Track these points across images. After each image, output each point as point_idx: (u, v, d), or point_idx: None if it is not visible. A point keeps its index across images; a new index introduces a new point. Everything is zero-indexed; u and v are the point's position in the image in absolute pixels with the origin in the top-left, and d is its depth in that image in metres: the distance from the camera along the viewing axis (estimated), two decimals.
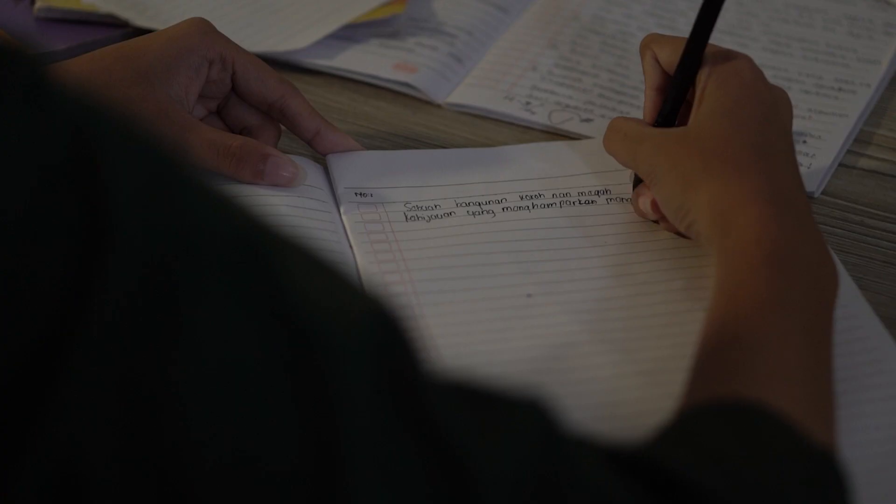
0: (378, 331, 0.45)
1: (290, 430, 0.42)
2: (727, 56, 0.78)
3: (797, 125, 0.85)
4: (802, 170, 0.82)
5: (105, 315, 0.40)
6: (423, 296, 0.76)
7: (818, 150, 0.90)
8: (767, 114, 0.76)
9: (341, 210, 0.82)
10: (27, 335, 0.40)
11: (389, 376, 0.44)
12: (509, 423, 0.47)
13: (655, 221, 0.80)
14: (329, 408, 0.43)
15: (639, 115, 0.93)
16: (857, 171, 0.90)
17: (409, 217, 0.82)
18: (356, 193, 0.83)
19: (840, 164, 0.90)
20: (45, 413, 0.40)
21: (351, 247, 0.80)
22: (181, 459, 0.41)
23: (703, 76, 0.77)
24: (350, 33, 1.01)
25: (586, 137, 0.91)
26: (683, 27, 1.04)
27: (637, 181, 0.81)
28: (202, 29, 0.83)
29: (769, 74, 0.98)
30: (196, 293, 0.42)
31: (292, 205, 0.81)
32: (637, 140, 0.78)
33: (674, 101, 0.80)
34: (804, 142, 0.91)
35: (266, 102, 0.85)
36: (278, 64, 0.96)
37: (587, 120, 0.93)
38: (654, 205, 0.78)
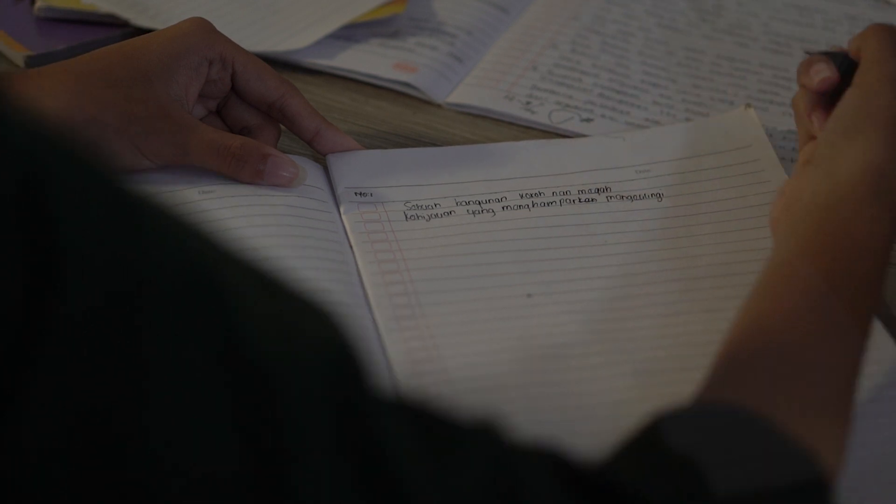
0: (330, 357, 0.45)
1: (231, 457, 0.43)
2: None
3: None
4: None
5: (56, 350, 0.40)
6: (423, 295, 0.76)
7: None
8: None
9: (341, 210, 0.82)
10: None
11: (338, 403, 0.45)
12: (459, 446, 0.48)
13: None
14: (277, 436, 0.43)
15: (638, 114, 0.93)
16: None
17: (408, 216, 0.82)
18: (356, 193, 0.83)
19: None
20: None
21: (351, 247, 0.80)
22: (134, 485, 0.41)
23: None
24: (350, 33, 1.01)
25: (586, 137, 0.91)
26: (683, 27, 1.04)
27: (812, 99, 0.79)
28: (202, 28, 0.83)
29: (769, 74, 0.99)
30: (147, 328, 0.42)
31: (292, 205, 0.81)
32: None
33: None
34: None
35: (266, 102, 0.85)
36: (278, 64, 0.96)
37: (587, 120, 0.93)
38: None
